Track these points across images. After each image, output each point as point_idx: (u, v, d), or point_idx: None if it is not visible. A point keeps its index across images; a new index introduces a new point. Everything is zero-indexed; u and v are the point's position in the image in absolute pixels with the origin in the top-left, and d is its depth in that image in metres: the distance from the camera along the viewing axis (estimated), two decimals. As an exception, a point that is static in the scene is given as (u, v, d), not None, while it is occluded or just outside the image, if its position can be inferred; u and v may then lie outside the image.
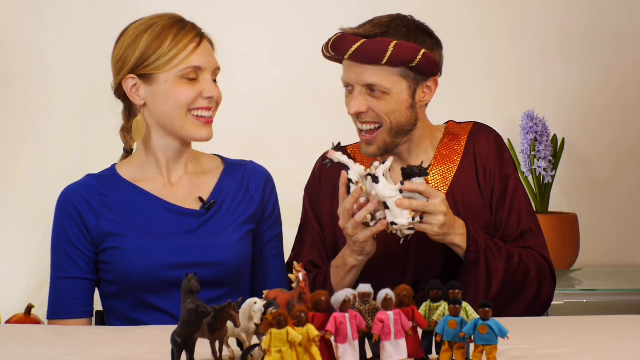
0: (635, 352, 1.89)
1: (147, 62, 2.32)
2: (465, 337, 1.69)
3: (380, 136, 2.39)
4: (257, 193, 2.43)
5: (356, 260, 2.34)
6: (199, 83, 2.33)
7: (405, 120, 2.39)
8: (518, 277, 2.36)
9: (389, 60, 2.34)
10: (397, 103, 2.37)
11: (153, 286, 2.30)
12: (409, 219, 2.22)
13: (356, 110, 2.38)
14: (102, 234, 2.33)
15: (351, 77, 2.39)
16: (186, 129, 2.33)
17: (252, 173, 2.45)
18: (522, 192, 2.47)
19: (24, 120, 3.59)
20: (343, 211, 2.28)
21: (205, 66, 2.33)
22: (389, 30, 2.37)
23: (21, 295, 3.54)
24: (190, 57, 2.31)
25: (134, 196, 2.36)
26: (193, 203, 2.38)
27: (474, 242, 2.31)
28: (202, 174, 2.42)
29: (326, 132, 3.56)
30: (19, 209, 3.57)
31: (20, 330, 2.25)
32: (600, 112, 3.71)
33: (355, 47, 2.35)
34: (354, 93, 2.39)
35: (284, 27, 3.66)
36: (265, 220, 2.44)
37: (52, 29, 3.59)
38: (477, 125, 2.53)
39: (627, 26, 3.71)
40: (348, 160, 2.24)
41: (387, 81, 2.36)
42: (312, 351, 1.61)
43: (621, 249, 3.71)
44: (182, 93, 2.31)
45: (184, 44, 2.32)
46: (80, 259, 2.34)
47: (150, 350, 1.91)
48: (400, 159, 2.45)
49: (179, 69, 2.31)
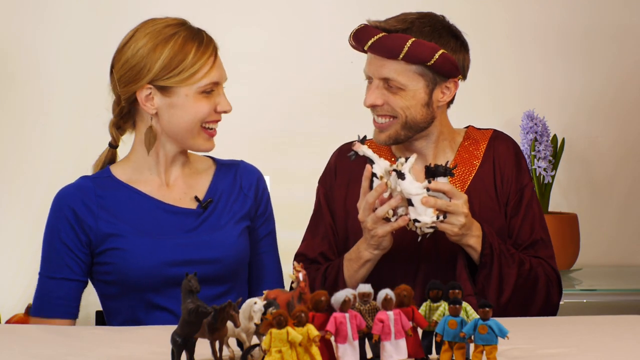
0: (635, 352, 1.89)
1: (170, 75, 2.30)
2: (465, 337, 1.69)
3: (393, 127, 2.41)
4: (250, 190, 2.45)
5: (371, 254, 2.33)
6: (214, 97, 2.34)
7: (420, 117, 2.40)
8: (528, 284, 2.36)
9: (405, 57, 2.35)
10: (412, 99, 2.39)
11: (154, 285, 2.30)
12: (432, 217, 2.22)
13: (371, 102, 2.40)
14: (101, 236, 2.33)
15: (371, 70, 2.41)
16: (195, 140, 2.35)
17: (244, 172, 2.47)
18: (537, 202, 2.49)
19: (24, 120, 3.58)
20: (364, 204, 2.27)
21: (222, 81, 2.36)
22: (412, 27, 2.38)
23: (21, 295, 3.54)
24: (211, 73, 2.32)
25: (131, 197, 2.36)
26: (189, 203, 2.38)
27: (489, 245, 2.31)
28: (196, 174, 2.43)
29: (327, 132, 3.57)
30: (19, 209, 3.57)
31: (20, 330, 2.25)
32: (600, 112, 3.71)
33: (373, 40, 2.37)
34: (371, 85, 2.41)
35: (284, 27, 3.66)
36: (259, 217, 2.46)
37: (52, 29, 3.58)
38: (497, 133, 2.55)
39: (628, 26, 3.71)
40: (373, 154, 2.25)
41: (403, 77, 2.37)
42: (312, 351, 1.61)
43: (621, 249, 3.71)
44: (200, 108, 2.32)
45: (205, 59, 2.32)
46: (72, 260, 2.33)
47: (150, 350, 1.91)
48: (419, 157, 2.46)
49: (200, 84, 2.31)
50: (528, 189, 2.48)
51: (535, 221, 2.46)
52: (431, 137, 2.46)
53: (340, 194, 2.51)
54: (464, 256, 2.35)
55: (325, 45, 3.59)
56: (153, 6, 3.46)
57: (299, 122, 3.64)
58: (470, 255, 2.35)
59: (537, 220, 2.47)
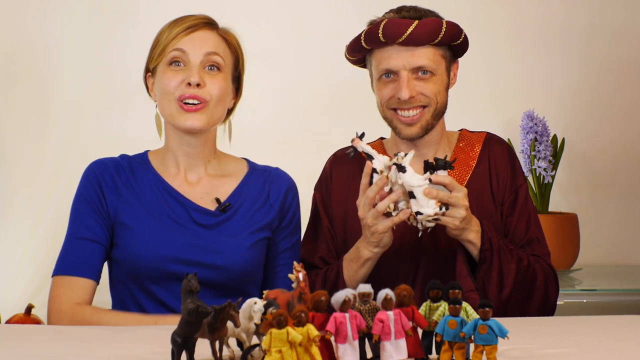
0: (635, 352, 1.89)
1: (151, 55, 2.36)
2: (465, 337, 1.69)
3: (424, 117, 2.42)
4: (276, 201, 2.42)
5: (371, 253, 2.33)
6: (186, 71, 2.33)
7: (445, 101, 2.45)
8: (527, 280, 2.37)
9: (442, 39, 2.38)
10: (441, 84, 2.42)
11: (155, 276, 2.31)
12: (435, 209, 2.21)
13: (410, 94, 2.39)
14: (118, 213, 2.34)
15: (398, 63, 2.39)
16: (174, 117, 2.34)
17: (275, 180, 2.44)
18: (531, 202, 2.51)
19: (25, 120, 3.59)
20: (365, 200, 2.26)
21: (191, 51, 2.33)
22: (431, 13, 2.43)
23: (21, 295, 3.54)
24: (177, 42, 2.33)
25: (157, 185, 2.38)
26: (209, 204, 2.38)
27: (488, 240, 2.32)
28: (223, 176, 2.42)
29: (327, 132, 3.57)
30: (19, 209, 3.57)
31: (20, 330, 2.25)
32: (600, 112, 3.71)
33: (411, 29, 2.37)
34: (401, 79, 2.40)
35: (285, 27, 3.66)
36: (282, 229, 2.43)
37: (55, 29, 3.59)
38: (490, 135, 2.57)
39: (627, 26, 3.71)
40: (372, 150, 2.24)
41: (433, 62, 2.40)
42: (312, 351, 1.61)
43: (621, 249, 3.71)
44: (168, 80, 2.33)
45: (176, 31, 2.34)
46: (97, 223, 2.34)
47: (150, 350, 1.91)
48: (420, 157, 2.46)
49: (167, 55, 2.33)
50: (522, 189, 2.50)
51: (531, 220, 2.48)
52: (434, 133, 2.46)
53: (337, 197, 2.51)
54: (464, 253, 2.36)
55: (325, 47, 3.60)
56: (154, 7, 3.47)
57: (299, 123, 3.64)
58: (470, 252, 2.35)
59: (533, 219, 2.48)
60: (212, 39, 2.35)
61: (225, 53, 2.37)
